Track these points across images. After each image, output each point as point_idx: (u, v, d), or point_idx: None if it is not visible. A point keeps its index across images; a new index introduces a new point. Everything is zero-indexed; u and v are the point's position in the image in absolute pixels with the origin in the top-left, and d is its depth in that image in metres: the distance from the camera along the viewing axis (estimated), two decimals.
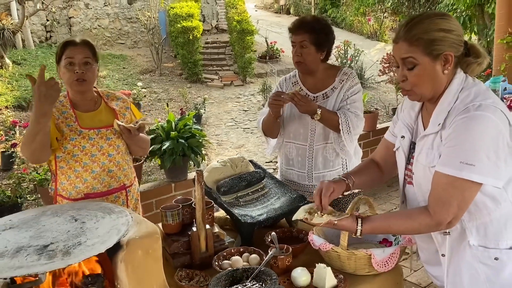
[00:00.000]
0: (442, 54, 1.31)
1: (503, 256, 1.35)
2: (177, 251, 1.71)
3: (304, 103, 2.07)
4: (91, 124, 2.00)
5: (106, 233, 1.32)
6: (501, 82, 3.76)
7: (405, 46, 1.33)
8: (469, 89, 1.34)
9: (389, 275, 1.60)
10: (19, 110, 7.96)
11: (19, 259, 1.18)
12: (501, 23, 4.92)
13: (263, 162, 6.43)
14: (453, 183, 1.26)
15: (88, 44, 1.98)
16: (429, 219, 1.31)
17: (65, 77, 1.95)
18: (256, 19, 14.61)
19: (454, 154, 1.27)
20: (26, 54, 10.86)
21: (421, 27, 1.31)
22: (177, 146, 3.26)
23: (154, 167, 5.94)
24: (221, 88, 11.17)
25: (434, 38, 1.30)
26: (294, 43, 2.17)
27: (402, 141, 1.52)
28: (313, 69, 2.21)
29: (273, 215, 1.87)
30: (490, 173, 1.24)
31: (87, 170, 1.97)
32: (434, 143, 1.36)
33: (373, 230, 1.43)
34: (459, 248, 1.39)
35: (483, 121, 1.25)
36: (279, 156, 2.43)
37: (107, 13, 13.66)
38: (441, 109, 1.36)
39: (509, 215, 1.35)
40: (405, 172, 1.52)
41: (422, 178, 1.41)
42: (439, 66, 1.33)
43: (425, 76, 1.34)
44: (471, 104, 1.29)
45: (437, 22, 1.31)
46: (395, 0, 13.08)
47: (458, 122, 1.28)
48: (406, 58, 1.34)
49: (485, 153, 1.23)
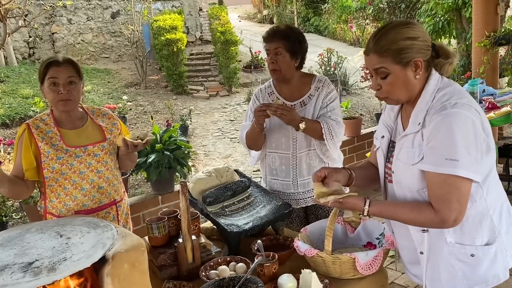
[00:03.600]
0: (412, 60, 1.37)
1: (479, 252, 1.39)
2: (164, 263, 1.72)
3: (287, 113, 2.06)
4: (78, 141, 1.99)
5: (91, 247, 1.32)
6: (479, 84, 3.84)
7: (375, 57, 1.39)
8: (445, 89, 1.40)
9: (374, 278, 1.63)
10: (3, 128, 7.87)
11: (4, 278, 1.18)
12: (478, 26, 5.04)
13: (251, 171, 6.44)
14: (446, 180, 1.30)
15: (71, 63, 1.96)
16: (433, 215, 1.33)
17: (50, 97, 1.94)
18: (240, 29, 14.71)
19: (438, 152, 1.31)
20: (9, 71, 10.76)
21: (388, 38, 1.37)
22: (163, 158, 3.26)
23: (141, 180, 5.92)
24: (207, 99, 11.19)
25: (401, 47, 1.36)
26: (269, 51, 2.19)
27: (382, 140, 1.57)
28: (288, 76, 2.23)
29: (259, 223, 1.89)
30: (472, 168, 1.29)
31: (76, 188, 1.96)
32: (415, 142, 1.40)
33: (380, 213, 1.44)
34: (437, 245, 1.43)
35: (460, 117, 1.30)
36: (262, 167, 2.43)
37: (90, 27, 13.62)
38: (420, 109, 1.41)
39: (484, 212, 1.40)
40: (384, 170, 1.56)
41: (402, 176, 1.45)
42: (410, 72, 1.38)
43: (398, 83, 1.39)
44: (448, 102, 1.34)
45: (403, 31, 1.37)
46: (376, 7, 13.28)
47: (436, 120, 1.33)
48: (378, 69, 1.39)
49: (465, 148, 1.29)
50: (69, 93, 1.92)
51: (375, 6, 13.31)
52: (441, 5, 7.74)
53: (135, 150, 2.01)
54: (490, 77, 4.91)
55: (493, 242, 1.40)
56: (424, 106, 1.40)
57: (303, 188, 2.29)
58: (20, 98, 8.98)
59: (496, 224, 1.41)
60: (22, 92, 9.32)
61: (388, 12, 13.10)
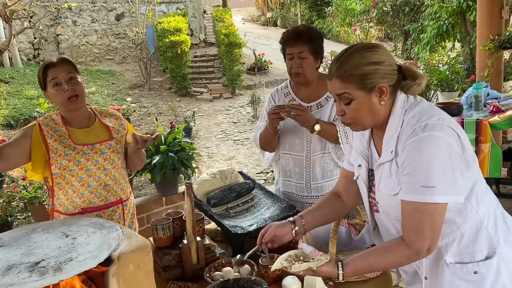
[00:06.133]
0: (376, 86, 1.31)
1: (481, 268, 1.34)
2: (168, 264, 1.73)
3: (302, 113, 2.01)
4: (86, 140, 2.02)
5: (97, 248, 1.33)
6: (483, 88, 3.83)
7: (338, 82, 1.33)
8: (412, 110, 1.33)
9: (378, 280, 1.63)
10: (8, 129, 7.91)
11: (11, 277, 1.19)
12: (482, 30, 5.04)
13: (254, 173, 6.45)
14: (419, 208, 1.25)
15: (67, 61, 2.00)
16: (407, 250, 1.28)
17: (57, 100, 1.95)
18: (244, 31, 14.76)
19: (414, 180, 1.26)
20: (14, 72, 10.83)
21: (351, 62, 1.31)
22: (167, 160, 3.27)
23: (145, 182, 5.94)
24: (210, 101, 11.22)
25: (365, 72, 1.29)
26: (292, 55, 2.11)
27: (360, 170, 1.50)
28: (311, 79, 2.16)
29: (263, 225, 1.88)
30: (450, 191, 1.24)
31: (83, 185, 1.98)
32: (392, 170, 1.34)
33: (355, 272, 1.36)
34: (437, 268, 1.38)
35: (433, 141, 1.24)
36: (275, 168, 2.38)
37: (95, 29, 13.70)
38: (390, 135, 1.35)
39: (479, 224, 1.35)
40: (369, 200, 1.50)
41: (387, 206, 1.39)
42: (375, 98, 1.32)
43: (362, 109, 1.33)
44: (417, 125, 1.28)
45: (366, 55, 1.31)
46: (380, 11, 13.30)
47: (409, 146, 1.27)
48: (341, 94, 1.33)
49: (442, 172, 1.23)
50: (74, 89, 1.95)
51: (379, 9, 13.34)
52: (446, 8, 7.74)
53: (145, 146, 2.02)
54: (494, 80, 4.91)
55: (493, 255, 1.35)
56: (394, 131, 1.34)
57: (317, 192, 2.22)
58: (25, 99, 9.03)
59: (493, 234, 1.36)
60: (26, 93, 9.37)
61: (392, 15, 13.13)
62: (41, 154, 1.94)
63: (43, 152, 1.94)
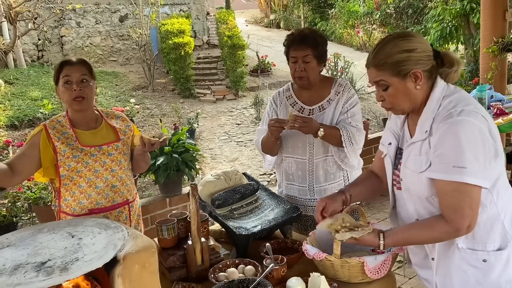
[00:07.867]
0: (410, 72, 1.38)
1: (491, 257, 1.39)
2: (173, 264, 1.73)
3: (306, 124, 2.01)
4: (93, 141, 2.03)
5: (102, 248, 1.33)
6: (487, 90, 3.83)
7: (374, 71, 1.43)
8: (451, 96, 1.40)
9: (382, 282, 1.63)
10: (12, 130, 7.95)
11: (18, 277, 1.20)
12: (486, 32, 5.02)
13: (257, 174, 6.46)
14: (458, 188, 1.31)
15: (84, 63, 2.03)
16: (447, 226, 1.34)
17: (65, 97, 1.99)
18: (247, 33, 14.77)
19: (446, 160, 1.32)
20: (18, 73, 10.87)
21: (385, 51, 1.40)
22: (171, 161, 3.28)
23: (149, 183, 5.95)
24: (213, 102, 11.23)
25: (398, 60, 1.38)
26: (295, 58, 2.11)
27: (389, 147, 1.58)
28: (314, 83, 2.16)
29: (267, 227, 1.90)
30: (481, 175, 1.30)
31: (91, 186, 2.00)
32: (422, 149, 1.41)
33: (395, 243, 1.47)
34: (448, 251, 1.43)
35: (467, 125, 1.31)
36: (278, 171, 2.37)
37: (99, 31, 13.74)
38: (426, 117, 1.42)
39: (495, 217, 1.40)
40: (392, 177, 1.57)
41: (410, 183, 1.46)
42: (410, 83, 1.40)
43: (399, 94, 1.42)
44: (453, 109, 1.35)
45: (399, 44, 1.40)
46: (383, 12, 13.30)
47: (443, 128, 1.34)
48: (378, 81, 1.43)
49: (473, 155, 1.29)
50: (82, 91, 1.97)
51: (382, 12, 13.33)
52: (449, 11, 7.74)
53: (152, 149, 2.04)
54: (498, 83, 4.88)
55: (505, 247, 1.40)
56: (430, 114, 1.41)
57: (320, 195, 2.21)
58: (29, 100, 9.07)
59: (508, 228, 1.41)
60: (31, 94, 9.42)
61: (395, 17, 13.12)
62: (50, 158, 1.96)
63: (51, 156, 1.96)
